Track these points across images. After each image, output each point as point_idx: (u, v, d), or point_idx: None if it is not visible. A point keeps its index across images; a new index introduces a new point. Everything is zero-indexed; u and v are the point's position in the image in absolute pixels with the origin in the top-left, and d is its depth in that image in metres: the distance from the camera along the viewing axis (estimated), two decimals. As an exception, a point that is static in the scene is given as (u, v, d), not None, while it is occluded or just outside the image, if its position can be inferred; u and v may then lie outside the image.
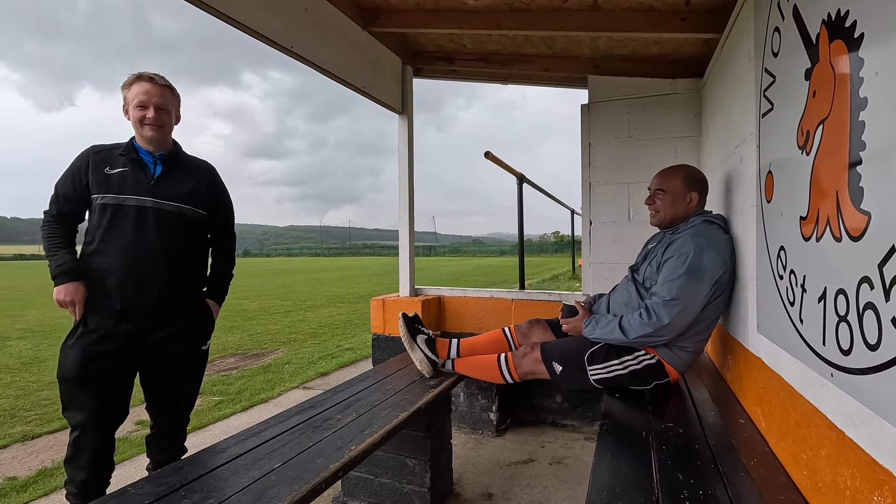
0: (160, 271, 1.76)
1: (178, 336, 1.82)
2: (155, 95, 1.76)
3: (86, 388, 1.68)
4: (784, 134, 1.24)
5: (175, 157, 1.85)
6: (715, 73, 2.43)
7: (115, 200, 1.72)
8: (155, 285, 1.75)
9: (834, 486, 0.96)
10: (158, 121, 1.76)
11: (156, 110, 1.75)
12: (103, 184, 1.73)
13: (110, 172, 1.74)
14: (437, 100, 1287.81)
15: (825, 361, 0.98)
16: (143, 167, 1.78)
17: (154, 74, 1.78)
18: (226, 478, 1.25)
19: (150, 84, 1.76)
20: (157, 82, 1.77)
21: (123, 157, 1.77)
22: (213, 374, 4.82)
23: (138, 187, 1.75)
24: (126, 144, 1.80)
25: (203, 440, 2.99)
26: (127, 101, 1.77)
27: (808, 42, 1.08)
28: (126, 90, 1.77)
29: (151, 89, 1.75)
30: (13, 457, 2.91)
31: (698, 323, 1.79)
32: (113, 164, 1.76)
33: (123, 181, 1.74)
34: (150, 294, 1.74)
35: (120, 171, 1.75)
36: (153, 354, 1.78)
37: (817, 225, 1.01)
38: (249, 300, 11.80)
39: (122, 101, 1.79)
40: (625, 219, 3.08)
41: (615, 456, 1.33)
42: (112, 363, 1.71)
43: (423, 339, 2.25)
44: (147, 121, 1.74)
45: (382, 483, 2.16)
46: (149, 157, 1.80)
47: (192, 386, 1.93)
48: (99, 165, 1.75)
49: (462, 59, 3.33)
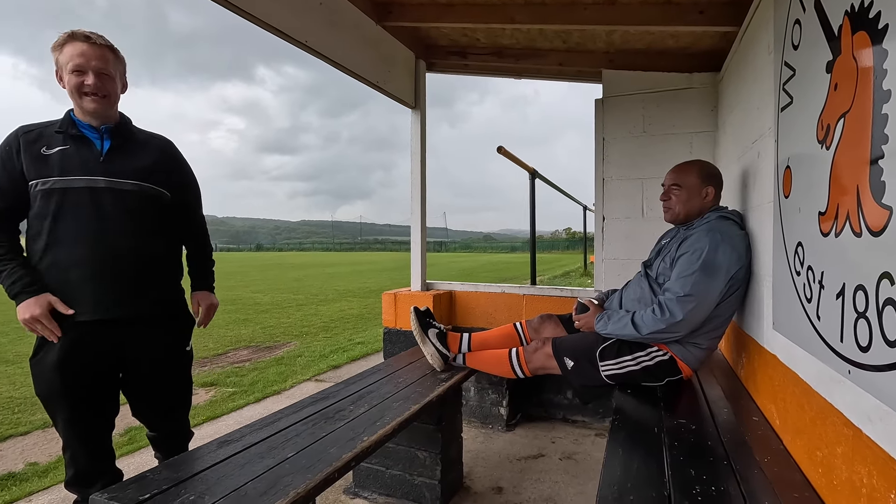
0: (128, 261, 1.53)
1: (159, 341, 1.63)
2: (94, 58, 1.46)
3: (67, 403, 1.49)
4: (803, 128, 1.22)
5: (125, 130, 1.59)
6: (733, 67, 2.39)
7: (60, 184, 1.46)
8: (124, 277, 1.53)
9: (850, 484, 0.95)
10: (101, 88, 1.48)
11: (96, 75, 1.47)
12: (42, 167, 1.46)
13: (48, 153, 1.47)
14: (449, 95, 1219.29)
15: (842, 358, 0.96)
16: (88, 143, 1.51)
17: (91, 33, 1.48)
18: (241, 465, 1.27)
19: (86, 45, 1.46)
20: (95, 42, 1.47)
21: (61, 134, 1.49)
22: (226, 366, 4.89)
23: (86, 166, 1.48)
24: (62, 119, 1.52)
25: (217, 430, 3.04)
26: (60, 65, 1.46)
27: (830, 34, 1.06)
28: (57, 52, 1.47)
29: (88, 50, 1.45)
30: (34, 443, 2.99)
31: (712, 320, 1.78)
32: (49, 144, 1.48)
33: (66, 160, 1.47)
34: (120, 288, 1.52)
35: (59, 150, 1.47)
36: (134, 362, 1.59)
37: (836, 220, 1.00)
38: (262, 294, 11.93)
39: (55, 66, 1.49)
40: (638, 215, 3.06)
41: (626, 451, 1.33)
42: (88, 373, 1.50)
43: (435, 333, 2.26)
44: (87, 88, 1.46)
45: (393, 475, 2.18)
46: (92, 131, 1.53)
47: (183, 391, 1.77)
48: (32, 146, 1.47)
49: (475, 54, 3.31)
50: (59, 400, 1.49)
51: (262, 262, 31.69)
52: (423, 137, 3.29)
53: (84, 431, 1.54)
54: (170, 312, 1.70)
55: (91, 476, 1.57)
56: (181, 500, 1.10)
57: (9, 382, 4.32)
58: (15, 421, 3.35)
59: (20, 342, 6.09)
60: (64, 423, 1.52)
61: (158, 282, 1.65)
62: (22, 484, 2.41)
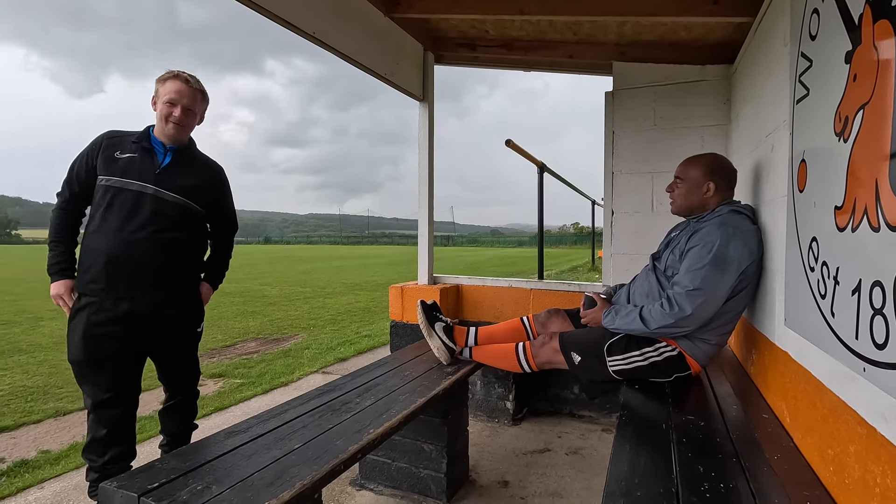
0: (150, 258, 1.77)
1: (172, 317, 1.87)
2: (186, 96, 1.82)
3: (95, 370, 1.75)
4: (820, 120, 1.19)
5: (186, 152, 1.90)
6: (747, 59, 2.35)
7: (118, 183, 1.75)
8: (145, 270, 1.77)
9: (862, 482, 0.93)
10: (183, 121, 1.83)
11: (183, 110, 1.81)
12: (110, 166, 1.77)
13: (119, 157, 1.78)
14: (458, 88, 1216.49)
15: (857, 356, 0.95)
16: (152, 155, 1.82)
17: (190, 76, 1.85)
18: (248, 456, 1.28)
19: (184, 85, 1.82)
20: (192, 85, 1.84)
21: (135, 144, 1.81)
22: (234, 358, 4.94)
23: (143, 174, 1.78)
24: (141, 132, 1.85)
25: (225, 420, 3.07)
26: (158, 94, 1.82)
27: (850, 23, 1.03)
28: (160, 84, 1.83)
29: (184, 89, 1.82)
30: (46, 431, 3.04)
31: (722, 315, 1.75)
32: (123, 149, 1.80)
33: (130, 166, 1.78)
34: (140, 277, 1.76)
35: (128, 157, 1.79)
36: (152, 335, 1.83)
37: (853, 215, 0.98)
38: (270, 286, 12.01)
39: (154, 92, 1.85)
40: (648, 209, 3.03)
41: (634, 447, 1.32)
42: (114, 344, 1.75)
43: (442, 326, 2.26)
44: (173, 118, 1.80)
45: (399, 467, 2.19)
46: (160, 146, 1.84)
47: (192, 363, 2.03)
48: (110, 149, 1.79)
49: (484, 46, 3.28)
50: (86, 367, 1.75)
51: (271, 255, 31.89)
52: (430, 130, 3.27)
53: (106, 400, 1.76)
54: (185, 298, 1.93)
55: (104, 445, 1.76)
56: (189, 490, 1.11)
57: (22, 371, 4.39)
58: (28, 409, 3.40)
59: (33, 332, 6.18)
60: (89, 390, 1.76)
61: (175, 278, 1.88)
62: (34, 471, 2.45)
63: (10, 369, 4.47)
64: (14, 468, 2.50)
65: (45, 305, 8.21)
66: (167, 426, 2.00)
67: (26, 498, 2.17)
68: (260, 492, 1.10)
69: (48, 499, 2.15)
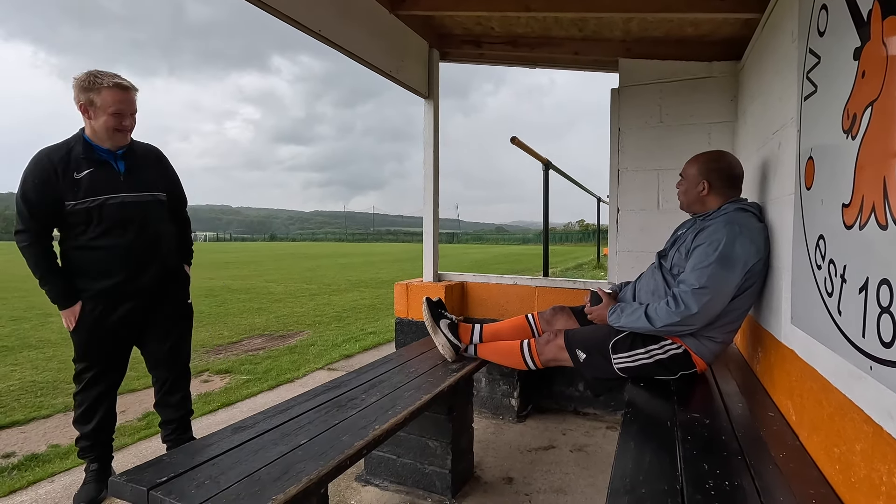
0: (152, 251, 2.02)
1: (170, 300, 2.13)
2: (130, 104, 1.91)
3: (95, 344, 1.97)
4: (828, 117, 1.18)
5: (132, 151, 2.01)
6: (754, 55, 2.33)
7: (94, 202, 1.87)
8: (150, 263, 2.02)
9: (869, 481, 0.93)
10: (131, 126, 1.94)
11: (130, 117, 1.91)
12: (76, 190, 1.85)
13: (78, 176, 1.86)
14: (465, 84, 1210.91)
15: (864, 354, 0.94)
16: (107, 166, 1.93)
17: (125, 81, 1.88)
18: (255, 451, 1.29)
19: (126, 93, 1.88)
20: (132, 91, 1.91)
21: (85, 160, 1.88)
22: (241, 354, 4.97)
23: (110, 186, 1.91)
24: (82, 144, 1.88)
25: (232, 416, 3.10)
26: (95, 103, 1.84)
27: (859, 19, 1.03)
28: (95, 94, 1.83)
29: (127, 98, 1.89)
30: (55, 426, 3.08)
31: (728, 313, 1.75)
32: (78, 168, 1.86)
33: (93, 182, 1.87)
34: (148, 270, 2.01)
35: (88, 174, 1.87)
36: (153, 318, 2.08)
37: (861, 212, 0.97)
38: (276, 283, 12.06)
39: (83, 100, 1.84)
40: (653, 206, 3.01)
41: (639, 444, 1.32)
42: (121, 329, 2.00)
43: (447, 323, 2.26)
44: (122, 128, 1.90)
45: (404, 463, 2.20)
46: (108, 154, 1.93)
47: (187, 333, 2.25)
48: (66, 173, 1.84)
49: (489, 43, 3.27)
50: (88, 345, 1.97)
51: (276, 252, 32.01)
52: (436, 127, 3.27)
53: (103, 378, 2.01)
54: (174, 276, 2.17)
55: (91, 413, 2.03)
56: (196, 484, 1.12)
57: (32, 367, 4.44)
58: (38, 404, 3.44)
59: (42, 328, 6.25)
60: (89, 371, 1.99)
61: (171, 263, 2.14)
62: (44, 465, 2.48)
63: (21, 365, 4.52)
64: (25, 462, 2.53)
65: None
66: (167, 415, 2.20)
67: (37, 491, 2.20)
68: (267, 486, 1.12)
69: (58, 492, 2.18)
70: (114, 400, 2.11)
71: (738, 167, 1.90)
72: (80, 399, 2.03)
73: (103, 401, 2.05)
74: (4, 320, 6.77)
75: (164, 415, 2.21)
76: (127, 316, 1.99)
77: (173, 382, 2.19)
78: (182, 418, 2.23)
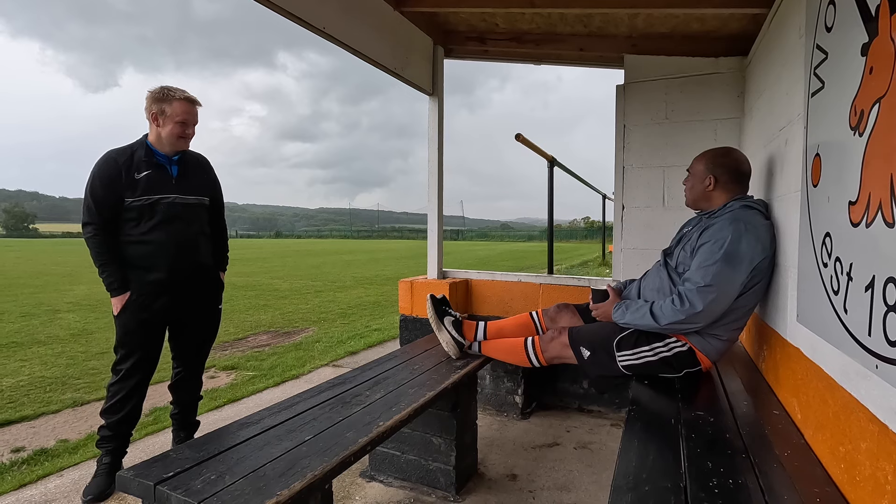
0: (192, 249, 2.20)
1: (205, 299, 2.31)
2: (195, 116, 2.15)
3: (134, 331, 2.11)
4: (835, 114, 1.17)
5: (184, 158, 2.22)
6: (761, 51, 2.31)
7: (149, 200, 2.08)
8: (189, 260, 2.20)
9: (873, 480, 0.93)
10: (192, 135, 2.17)
11: (192, 127, 2.16)
12: (136, 187, 2.07)
13: (138, 177, 2.08)
14: (470, 81, 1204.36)
15: (870, 353, 0.94)
16: (163, 169, 2.15)
17: (194, 97, 2.14)
18: (260, 447, 1.30)
19: (192, 106, 2.13)
20: (196, 105, 2.16)
21: (146, 162, 2.10)
22: (247, 350, 5.00)
23: (164, 187, 2.12)
24: (144, 149, 2.11)
25: (237, 412, 3.12)
26: (166, 112, 2.07)
27: (867, 15, 1.01)
28: (167, 104, 2.07)
29: (193, 110, 2.14)
30: (65, 421, 3.11)
31: (733, 311, 1.74)
32: (138, 169, 2.08)
33: (150, 182, 2.09)
34: (187, 267, 2.19)
35: (146, 175, 2.09)
36: (188, 313, 2.25)
37: (868, 210, 0.96)
38: (281, 280, 12.11)
39: (155, 109, 2.07)
40: (659, 203, 3.00)
41: (642, 442, 1.32)
42: (160, 319, 2.16)
43: (451, 320, 2.26)
44: (185, 136, 2.14)
45: (409, 460, 2.21)
46: (165, 159, 2.15)
47: (211, 336, 2.42)
48: (127, 173, 2.06)
49: (494, 39, 3.26)
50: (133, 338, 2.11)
51: (282, 249, 32.14)
52: (440, 125, 3.27)
53: (140, 368, 2.14)
54: (209, 277, 2.35)
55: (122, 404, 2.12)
56: (203, 479, 1.14)
57: (40, 363, 4.49)
58: (47, 400, 3.48)
59: (51, 324, 6.31)
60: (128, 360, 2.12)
61: (207, 263, 2.32)
62: (54, 459, 2.52)
63: (30, 360, 4.57)
64: (34, 456, 2.56)
65: (61, 299, 8.38)
66: (179, 396, 2.37)
67: (46, 485, 2.22)
68: (272, 482, 1.12)
69: (67, 486, 2.21)
70: (143, 395, 2.20)
71: (746, 163, 1.89)
72: (114, 390, 2.13)
73: (134, 394, 2.15)
74: (14, 317, 6.84)
75: (176, 396, 2.38)
76: (164, 308, 2.14)
77: (192, 371, 2.37)
78: (191, 402, 2.42)
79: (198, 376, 2.41)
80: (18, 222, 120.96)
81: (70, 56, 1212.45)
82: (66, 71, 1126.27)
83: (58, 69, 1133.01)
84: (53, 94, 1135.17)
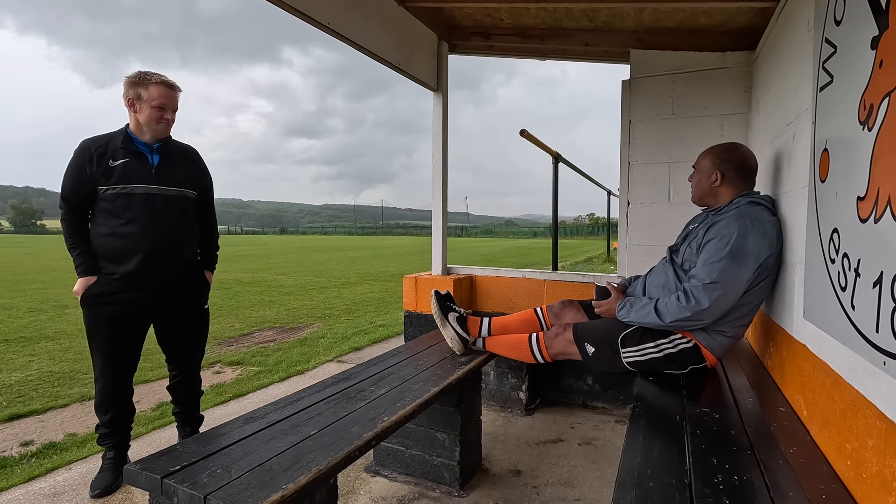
0: (170, 245, 2.10)
1: (187, 299, 2.22)
2: (173, 101, 2.07)
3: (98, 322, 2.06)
4: (844, 108, 1.16)
5: (167, 146, 2.13)
6: (769, 45, 2.29)
7: (124, 190, 2.00)
8: (167, 257, 2.10)
9: (880, 477, 0.92)
10: (171, 121, 2.08)
11: (171, 112, 2.07)
12: (109, 175, 1.99)
13: (113, 164, 2.00)
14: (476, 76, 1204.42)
15: (878, 349, 0.93)
16: (142, 157, 2.06)
17: (172, 81, 2.07)
18: (266, 441, 1.31)
19: (170, 90, 2.05)
20: (175, 89, 2.08)
21: (123, 149, 2.02)
22: (252, 346, 5.03)
23: (141, 176, 2.03)
24: (123, 136, 2.04)
25: (243, 406, 3.14)
26: (142, 97, 2.00)
27: (877, 8, 1.00)
28: (143, 89, 2.00)
29: (171, 95, 2.06)
30: (72, 415, 3.14)
31: (739, 307, 1.73)
32: (114, 156, 2.00)
33: (127, 171, 2.01)
34: (164, 263, 2.09)
35: (122, 163, 2.01)
36: (169, 313, 2.18)
37: (876, 205, 0.95)
38: (286, 276, 12.15)
39: (131, 94, 2.00)
40: (664, 200, 2.98)
41: (647, 438, 1.32)
42: (128, 313, 2.07)
43: (455, 316, 2.27)
44: (163, 121, 2.05)
45: (413, 455, 2.22)
46: (145, 147, 2.07)
47: (201, 337, 2.34)
48: (101, 159, 1.99)
49: (499, 35, 3.25)
50: (99, 331, 2.06)
51: (287, 246, 32.23)
52: (444, 121, 3.26)
53: (113, 363, 2.08)
54: (192, 276, 2.26)
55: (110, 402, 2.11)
56: (209, 473, 1.14)
57: (49, 358, 4.53)
58: (55, 394, 3.52)
59: (59, 319, 6.37)
60: (100, 354, 2.08)
61: (188, 260, 2.22)
62: (62, 453, 2.54)
63: (38, 355, 4.62)
64: (43, 450, 2.59)
65: (67, 294, 8.44)
66: (179, 396, 2.35)
67: (55, 478, 2.25)
68: (277, 476, 1.13)
69: (75, 479, 2.23)
70: (130, 390, 2.18)
71: (752, 159, 1.87)
72: (97, 387, 2.11)
73: (120, 389, 2.12)
74: (22, 312, 6.90)
75: (175, 397, 2.37)
76: (133, 303, 2.06)
77: (186, 373, 2.33)
78: (191, 400, 2.39)
79: (194, 377, 2.36)
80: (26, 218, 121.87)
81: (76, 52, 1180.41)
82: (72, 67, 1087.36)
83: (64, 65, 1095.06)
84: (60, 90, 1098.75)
